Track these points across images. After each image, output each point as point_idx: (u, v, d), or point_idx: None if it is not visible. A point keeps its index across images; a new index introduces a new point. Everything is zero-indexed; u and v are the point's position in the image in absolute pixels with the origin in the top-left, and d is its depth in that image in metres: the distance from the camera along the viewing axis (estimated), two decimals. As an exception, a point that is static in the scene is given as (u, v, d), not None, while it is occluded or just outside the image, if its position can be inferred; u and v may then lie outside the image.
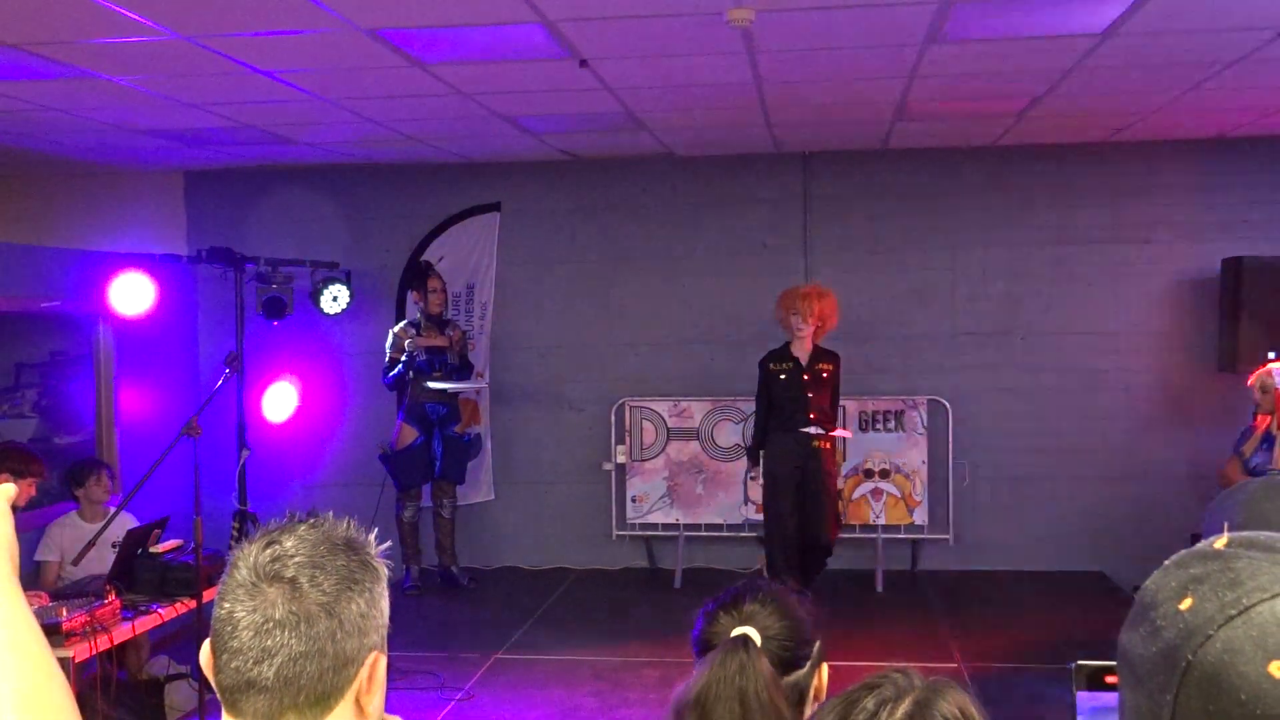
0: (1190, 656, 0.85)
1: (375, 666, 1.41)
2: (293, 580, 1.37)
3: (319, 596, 1.37)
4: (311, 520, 1.45)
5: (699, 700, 1.84)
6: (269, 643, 1.35)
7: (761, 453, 7.12)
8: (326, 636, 1.36)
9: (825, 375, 6.99)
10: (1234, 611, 0.86)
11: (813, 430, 6.91)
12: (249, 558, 1.40)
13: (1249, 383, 6.34)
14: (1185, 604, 0.88)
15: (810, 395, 6.92)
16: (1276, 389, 6.12)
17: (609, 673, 6.18)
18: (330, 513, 1.48)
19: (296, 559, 1.39)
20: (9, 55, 4.80)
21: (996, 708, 1.45)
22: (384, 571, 1.46)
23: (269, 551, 1.40)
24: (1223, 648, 0.84)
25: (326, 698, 1.37)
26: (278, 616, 1.36)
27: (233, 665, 1.37)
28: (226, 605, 1.38)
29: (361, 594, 1.40)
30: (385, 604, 1.45)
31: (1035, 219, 8.19)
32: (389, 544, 1.50)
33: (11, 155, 7.32)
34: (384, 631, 1.45)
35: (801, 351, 7.00)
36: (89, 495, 6.05)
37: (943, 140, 7.87)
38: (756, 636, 1.90)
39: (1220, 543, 0.93)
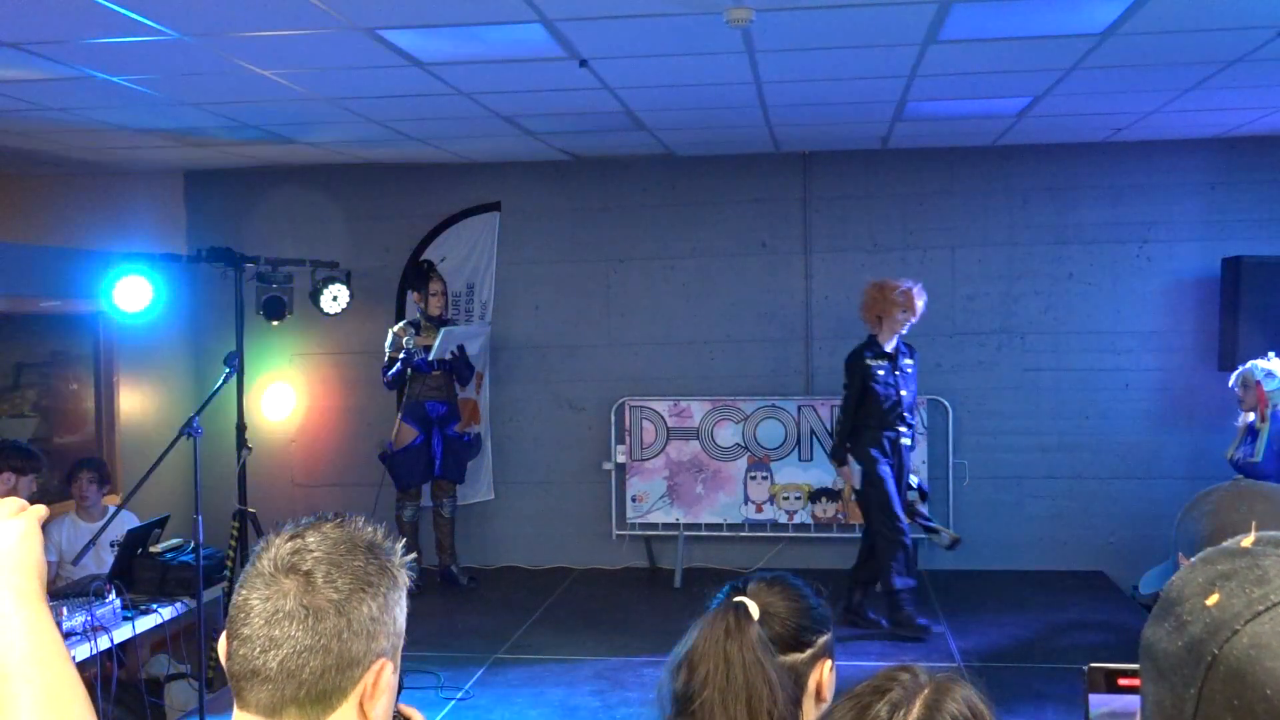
0: (1216, 651, 0.86)
1: (381, 673, 1.41)
2: (308, 574, 1.39)
3: (331, 593, 1.38)
4: (339, 519, 1.46)
5: (688, 659, 1.89)
6: (276, 633, 1.36)
7: (849, 453, 6.78)
8: (333, 634, 1.37)
9: (910, 370, 6.86)
10: (1261, 607, 0.86)
11: (903, 429, 6.80)
12: (272, 549, 1.42)
13: (1230, 382, 6.45)
14: (1212, 599, 0.89)
15: (903, 394, 6.79)
16: (1258, 383, 6.17)
17: (609, 673, 6.18)
18: (362, 517, 1.49)
19: (315, 554, 1.40)
20: (9, 55, 4.80)
21: (998, 708, 1.45)
22: (403, 579, 1.47)
23: (291, 544, 1.42)
24: (1249, 643, 0.85)
25: (328, 696, 1.38)
26: (288, 608, 1.37)
27: (241, 652, 1.38)
28: (244, 592, 1.40)
29: (375, 598, 1.41)
30: (400, 612, 1.46)
31: (1035, 219, 8.19)
32: (414, 555, 1.50)
33: (11, 155, 7.32)
34: (396, 640, 1.45)
35: (890, 348, 6.81)
36: (78, 494, 6.07)
37: (943, 140, 7.87)
38: (754, 608, 1.93)
39: (1247, 541, 0.93)
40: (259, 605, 1.38)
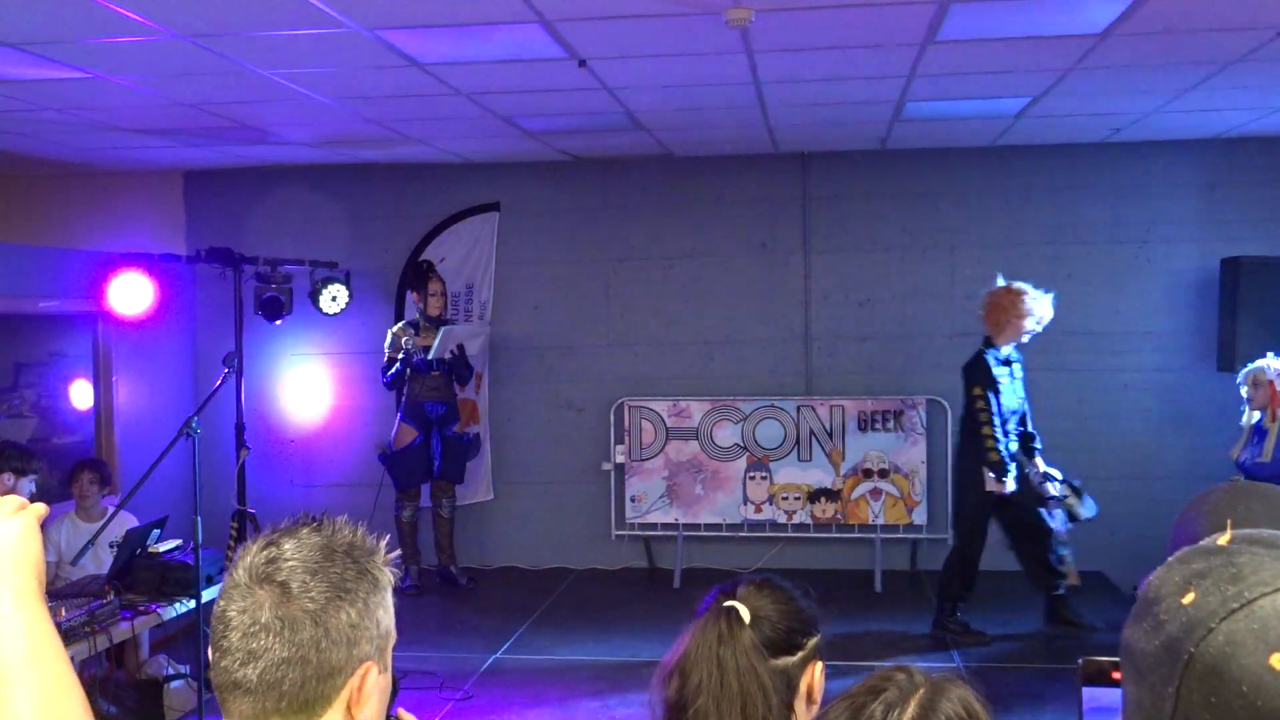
0: (1192, 649, 0.86)
1: (366, 677, 1.39)
2: (283, 584, 1.37)
3: (307, 603, 1.36)
4: (317, 523, 1.44)
5: (679, 665, 1.89)
6: (254, 645, 1.35)
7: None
8: (311, 645, 1.35)
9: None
10: (1236, 605, 0.86)
11: (1015, 434, 6.66)
12: (248, 557, 1.40)
13: (1237, 380, 6.46)
14: (1188, 598, 0.89)
15: (1020, 399, 6.68)
16: (1270, 382, 6.17)
17: (609, 673, 6.18)
18: (345, 515, 1.47)
19: (290, 563, 1.38)
20: (9, 55, 4.80)
21: (996, 708, 1.45)
22: (385, 580, 1.44)
23: (265, 553, 1.39)
24: (1224, 640, 0.85)
25: (310, 705, 1.37)
26: (264, 620, 1.35)
27: (222, 664, 1.37)
28: (222, 604, 1.39)
29: (353, 604, 1.38)
30: (384, 614, 1.43)
31: (1035, 219, 8.19)
32: (398, 552, 1.48)
33: (12, 155, 7.32)
34: (382, 641, 1.42)
35: (1007, 354, 6.64)
36: (79, 494, 6.07)
37: (943, 140, 7.87)
38: (745, 612, 1.93)
39: (1223, 539, 0.94)
40: (236, 617, 1.36)
